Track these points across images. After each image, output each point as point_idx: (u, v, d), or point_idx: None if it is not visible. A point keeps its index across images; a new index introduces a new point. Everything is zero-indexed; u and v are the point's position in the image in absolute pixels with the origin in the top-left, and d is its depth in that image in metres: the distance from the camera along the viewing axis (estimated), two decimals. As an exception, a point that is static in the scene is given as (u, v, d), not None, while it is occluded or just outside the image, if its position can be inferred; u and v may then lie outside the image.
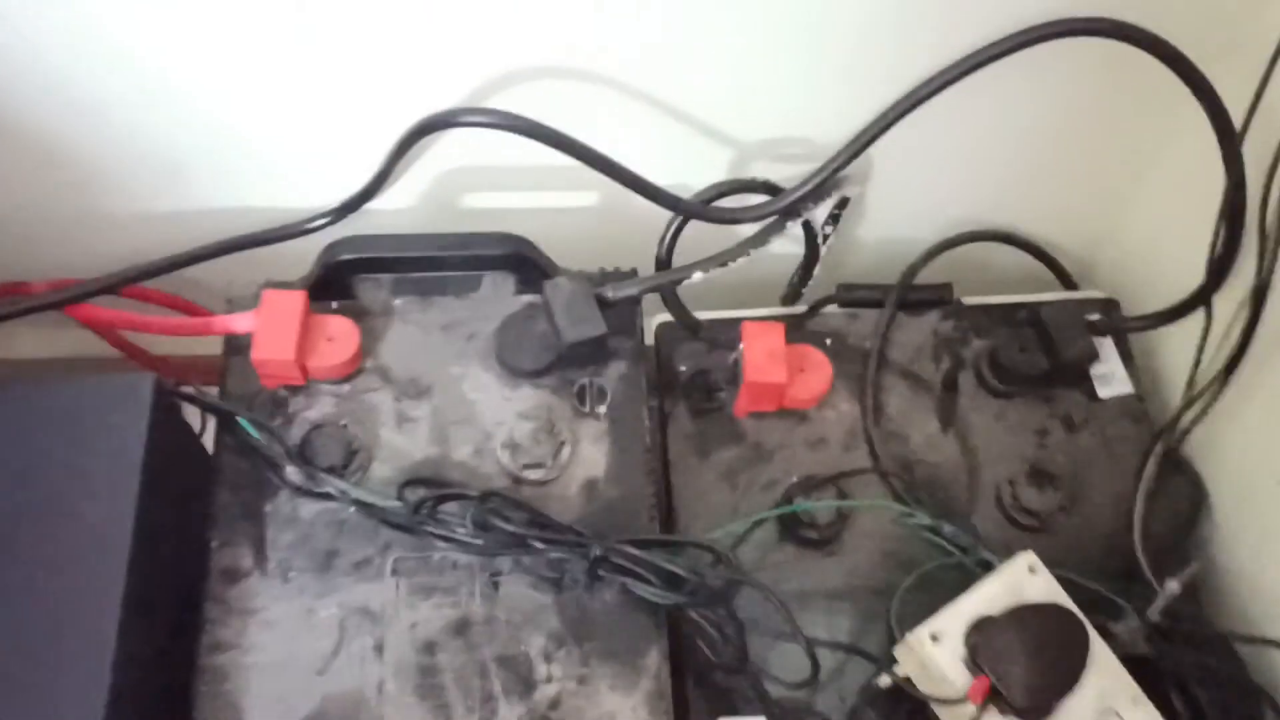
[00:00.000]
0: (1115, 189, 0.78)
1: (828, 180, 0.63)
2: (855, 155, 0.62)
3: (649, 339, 0.70)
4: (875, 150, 0.65)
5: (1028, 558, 0.59)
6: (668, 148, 0.69)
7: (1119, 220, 0.80)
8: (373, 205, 0.70)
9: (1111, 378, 0.71)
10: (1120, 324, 0.71)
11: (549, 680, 0.57)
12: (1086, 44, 0.58)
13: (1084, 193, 0.79)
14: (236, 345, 0.63)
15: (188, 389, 0.59)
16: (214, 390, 0.62)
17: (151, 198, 0.72)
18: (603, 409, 0.63)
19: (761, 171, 0.71)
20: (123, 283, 0.65)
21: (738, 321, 0.69)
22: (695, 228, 0.66)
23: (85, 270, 0.72)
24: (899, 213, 0.78)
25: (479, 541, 0.57)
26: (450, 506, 0.58)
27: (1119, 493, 0.67)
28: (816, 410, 0.69)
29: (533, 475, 0.61)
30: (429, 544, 0.58)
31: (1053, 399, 0.70)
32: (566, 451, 0.61)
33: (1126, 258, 0.80)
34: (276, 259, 0.69)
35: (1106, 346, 0.71)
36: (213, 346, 0.64)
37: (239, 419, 0.59)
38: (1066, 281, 0.79)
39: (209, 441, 0.62)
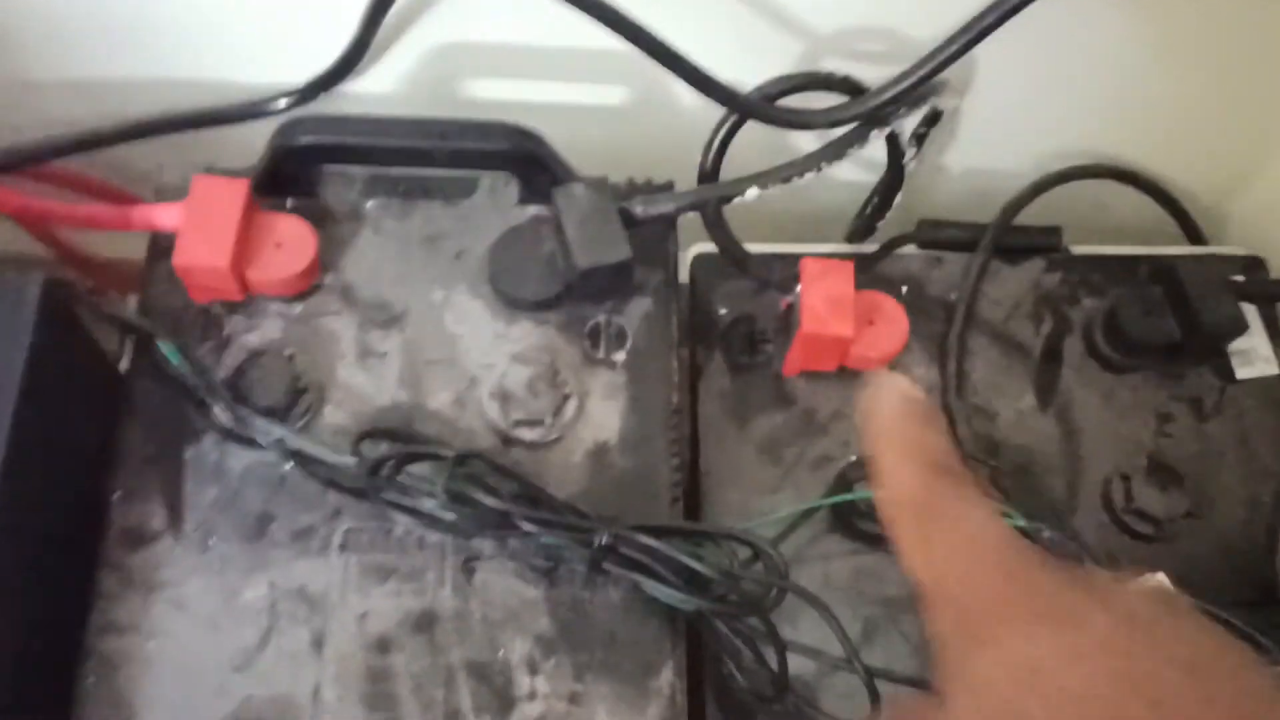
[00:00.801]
0: (1262, 126, 0.64)
1: (923, 82, 0.48)
2: (961, 53, 0.48)
3: (683, 273, 0.57)
4: (979, 54, 0.51)
5: (1158, 579, 0.45)
6: (716, 31, 0.55)
7: (1263, 164, 0.65)
8: (347, 87, 0.57)
9: (1253, 355, 0.57)
10: (1274, 289, 0.57)
11: (532, 697, 0.44)
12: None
13: (1223, 128, 0.64)
14: (163, 245, 0.49)
15: (91, 297, 0.46)
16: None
17: (80, 63, 0.59)
18: (620, 355, 0.50)
19: (835, 70, 0.57)
20: (27, 160, 0.51)
21: (793, 258, 0.55)
22: (745, 138, 0.52)
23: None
24: (995, 137, 0.64)
25: (450, 517, 0.44)
26: (419, 469, 0.45)
27: (1256, 498, 0.54)
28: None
29: (527, 435, 0.47)
30: (388, 515, 0.46)
31: (1179, 377, 0.56)
32: (572, 407, 0.48)
33: (1270, 209, 0.66)
34: (228, 146, 0.55)
35: (1251, 316, 0.57)
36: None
37: (156, 341, 0.46)
38: (1194, 235, 0.65)
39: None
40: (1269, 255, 0.61)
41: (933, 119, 0.56)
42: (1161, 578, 0.46)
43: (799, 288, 0.52)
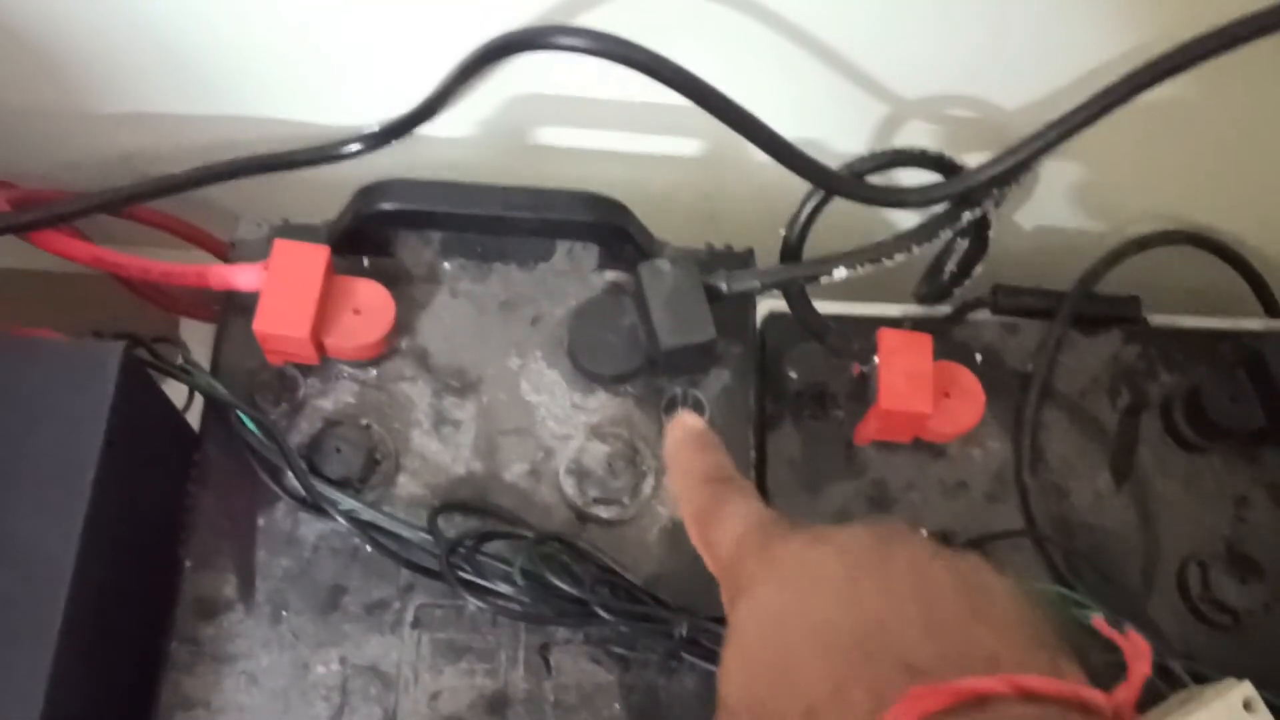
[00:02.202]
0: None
1: (1021, 167, 0.47)
2: (1060, 140, 0.47)
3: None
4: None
5: (1244, 691, 0.45)
6: (795, 92, 0.53)
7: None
8: (422, 131, 0.56)
9: (1331, 439, 0.56)
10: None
11: (603, 783, 0.44)
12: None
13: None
14: (239, 302, 0.49)
15: (169, 360, 0.45)
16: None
17: (144, 97, 0.58)
18: (698, 430, 0.49)
19: (915, 135, 0.56)
20: (99, 208, 0.50)
21: (866, 322, 0.54)
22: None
23: (68, 180, 0.58)
24: (1072, 200, 0.63)
25: (524, 603, 0.43)
26: (494, 547, 0.45)
27: (1334, 590, 0.53)
28: (958, 446, 0.54)
29: (604, 513, 0.47)
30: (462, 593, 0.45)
31: (1258, 459, 0.55)
32: (649, 484, 0.47)
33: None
34: (306, 185, 0.55)
35: (1331, 400, 0.55)
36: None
37: (238, 409, 0.45)
38: (1269, 304, 0.64)
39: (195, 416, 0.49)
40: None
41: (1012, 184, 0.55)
42: (1248, 688, 0.45)
43: (876, 360, 0.51)
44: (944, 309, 0.58)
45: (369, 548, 0.45)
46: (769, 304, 0.56)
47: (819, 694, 0.28)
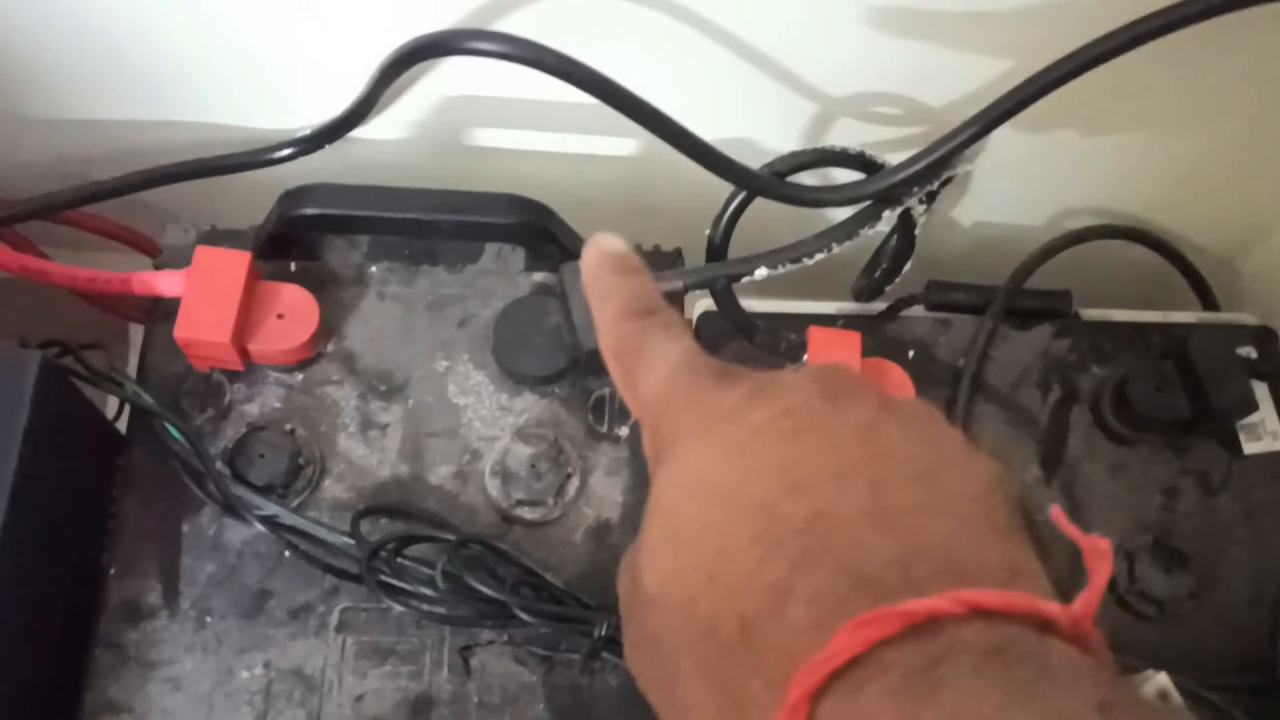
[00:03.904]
0: (1274, 188, 0.63)
1: (939, 164, 0.48)
2: (979, 136, 0.47)
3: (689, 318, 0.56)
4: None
5: (1160, 682, 0.45)
6: (721, 92, 0.54)
7: (1274, 226, 0.65)
8: (357, 134, 0.56)
9: (1261, 430, 0.56)
10: (1285, 366, 0.56)
11: (528, 782, 0.44)
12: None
13: (1235, 189, 0.63)
14: (164, 308, 0.49)
15: (89, 367, 0.45)
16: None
17: (83, 103, 0.58)
18: (624, 430, 0.49)
19: (844, 135, 0.56)
20: (28, 215, 0.50)
21: (798, 319, 0.55)
22: (757, 204, 0.52)
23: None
24: (1007, 195, 0.63)
25: (445, 607, 0.43)
26: (418, 549, 0.45)
27: (1260, 579, 0.54)
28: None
29: (528, 514, 0.47)
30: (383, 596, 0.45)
31: (1185, 450, 0.56)
32: (574, 485, 0.48)
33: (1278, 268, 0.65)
34: (245, 188, 0.55)
35: (1260, 391, 0.56)
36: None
37: (161, 418, 0.45)
38: (1204, 295, 0.64)
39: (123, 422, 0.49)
40: (1277, 320, 0.60)
41: (945, 182, 0.55)
42: (1164, 679, 0.45)
43: (805, 356, 0.52)
44: (879, 306, 0.59)
45: (288, 554, 0.45)
46: (704, 302, 0.56)
47: (753, 600, 0.25)
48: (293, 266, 0.50)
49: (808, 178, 0.52)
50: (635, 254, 0.36)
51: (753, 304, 0.55)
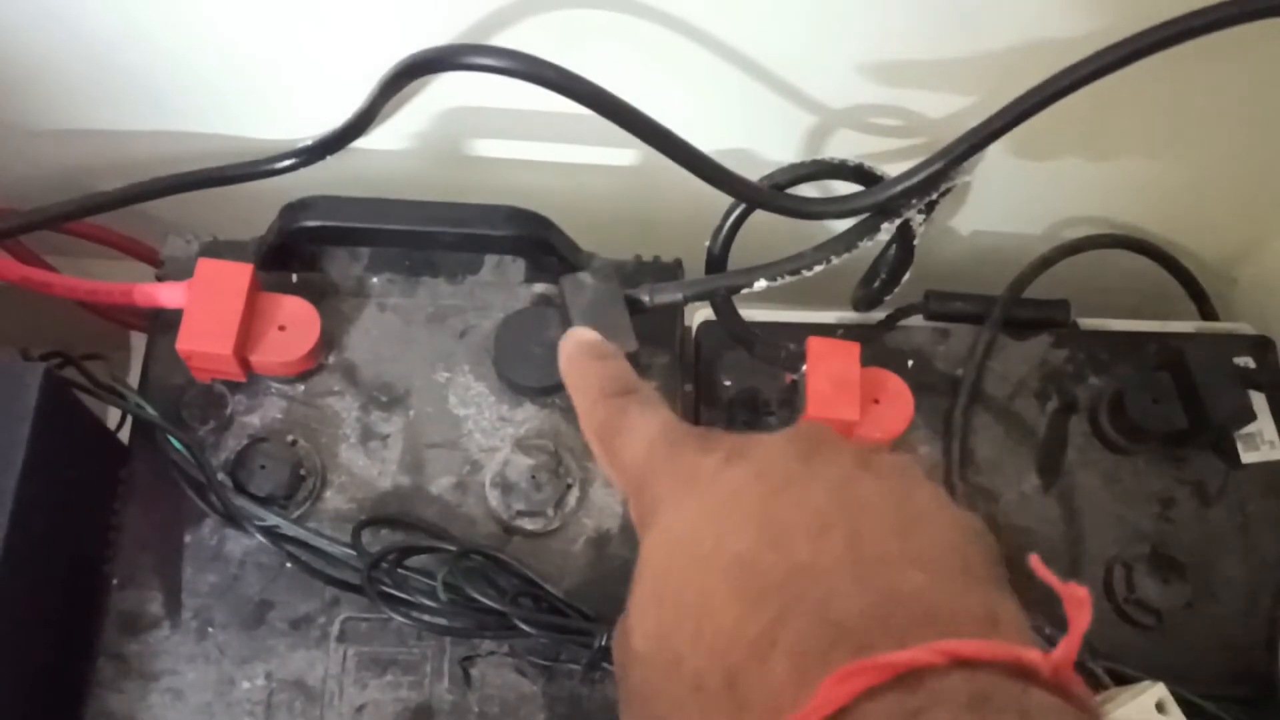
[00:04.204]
0: (1270, 198, 0.63)
1: (937, 177, 0.48)
2: (977, 149, 0.47)
3: (689, 326, 0.56)
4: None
5: (1158, 692, 0.45)
6: (721, 104, 0.54)
7: (1271, 235, 0.65)
8: (358, 144, 0.56)
9: (1258, 440, 0.56)
10: (1280, 377, 0.56)
11: (528, 792, 0.44)
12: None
13: (1232, 199, 0.64)
14: (166, 319, 0.49)
15: (91, 378, 0.46)
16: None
17: (86, 115, 0.58)
18: (624, 441, 0.49)
19: (844, 146, 0.56)
20: (30, 226, 0.51)
21: (798, 329, 0.55)
22: (759, 215, 0.52)
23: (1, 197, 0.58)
24: (1005, 206, 0.63)
25: (446, 617, 0.43)
26: (418, 560, 0.45)
27: (1256, 590, 0.54)
28: (891, 446, 0.55)
29: (528, 525, 0.47)
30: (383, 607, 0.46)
31: (1182, 460, 0.56)
32: (574, 496, 0.48)
33: (1277, 277, 0.65)
34: (247, 199, 0.55)
35: (1258, 402, 0.56)
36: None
37: (163, 430, 0.46)
38: (1202, 304, 0.64)
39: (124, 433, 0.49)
40: (1274, 331, 0.60)
41: (944, 192, 0.55)
42: (1162, 690, 0.46)
43: (804, 367, 0.52)
44: (878, 315, 0.59)
45: (290, 564, 0.45)
46: (705, 312, 0.57)
47: (738, 654, 0.26)
48: (294, 278, 0.50)
49: (808, 189, 0.52)
50: (607, 342, 0.38)
51: (752, 313, 0.56)
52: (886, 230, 0.49)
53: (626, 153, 0.59)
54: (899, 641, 0.23)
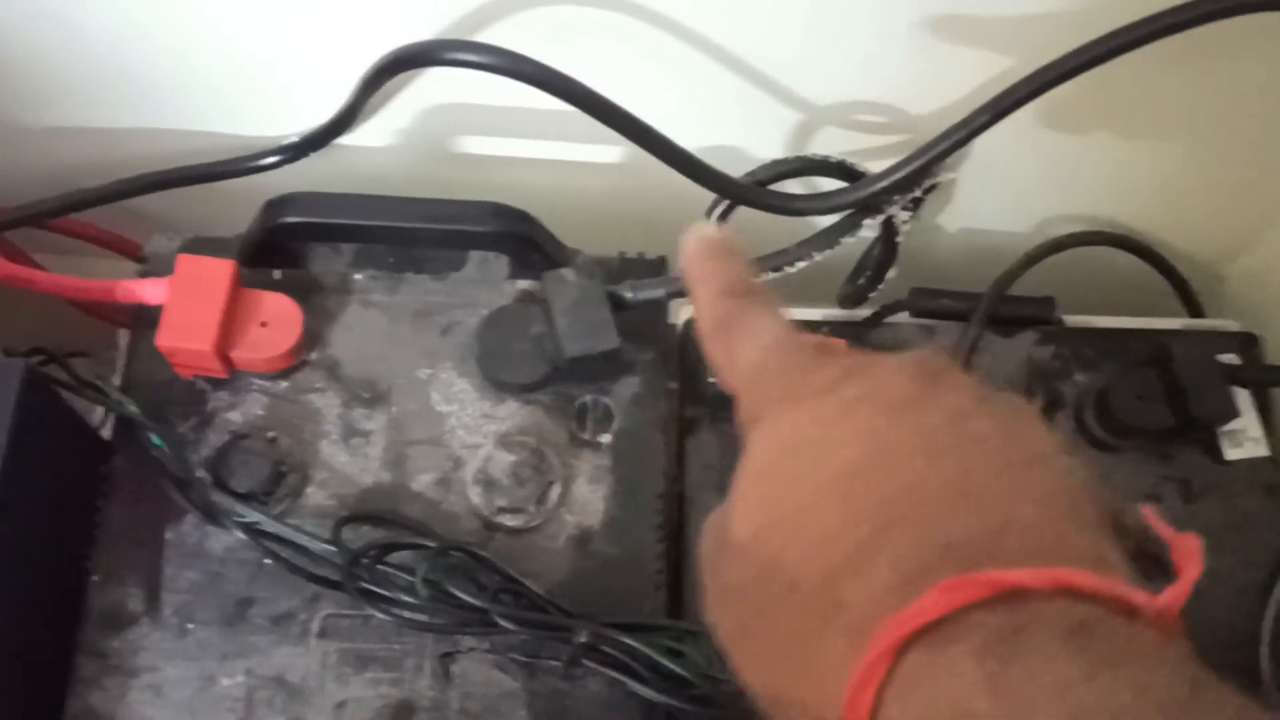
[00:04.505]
0: (1258, 197, 0.63)
1: (919, 173, 0.48)
2: (958, 146, 0.47)
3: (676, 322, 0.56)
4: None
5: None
6: (707, 100, 0.54)
7: (1258, 235, 0.65)
8: (343, 141, 0.56)
9: (1242, 436, 0.56)
10: (1266, 374, 0.56)
11: (509, 789, 0.44)
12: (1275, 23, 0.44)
13: (1219, 197, 0.64)
14: (149, 316, 0.49)
15: (73, 375, 0.46)
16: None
17: (72, 112, 0.58)
18: (606, 437, 0.49)
19: (828, 143, 0.56)
20: (8, 224, 0.51)
21: (788, 326, 0.55)
22: (744, 210, 0.52)
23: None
24: (991, 203, 0.63)
25: (426, 614, 0.43)
26: (400, 556, 0.45)
27: (1242, 587, 0.54)
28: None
29: (510, 521, 0.47)
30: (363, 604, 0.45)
31: (1167, 457, 0.56)
32: (556, 492, 0.48)
33: (1265, 275, 0.65)
34: (235, 196, 0.55)
35: (1242, 399, 0.56)
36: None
37: (144, 426, 0.46)
38: (1189, 301, 0.64)
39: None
40: (1262, 326, 0.60)
41: (929, 189, 0.55)
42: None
43: (789, 364, 0.52)
44: (864, 312, 0.59)
45: (268, 561, 0.45)
46: (690, 310, 0.57)
47: (838, 559, 0.26)
48: (277, 274, 0.50)
49: (793, 186, 0.52)
50: (734, 240, 0.37)
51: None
52: (869, 227, 0.49)
53: (611, 150, 0.59)
54: (1006, 566, 0.23)
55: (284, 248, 0.50)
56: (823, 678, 0.25)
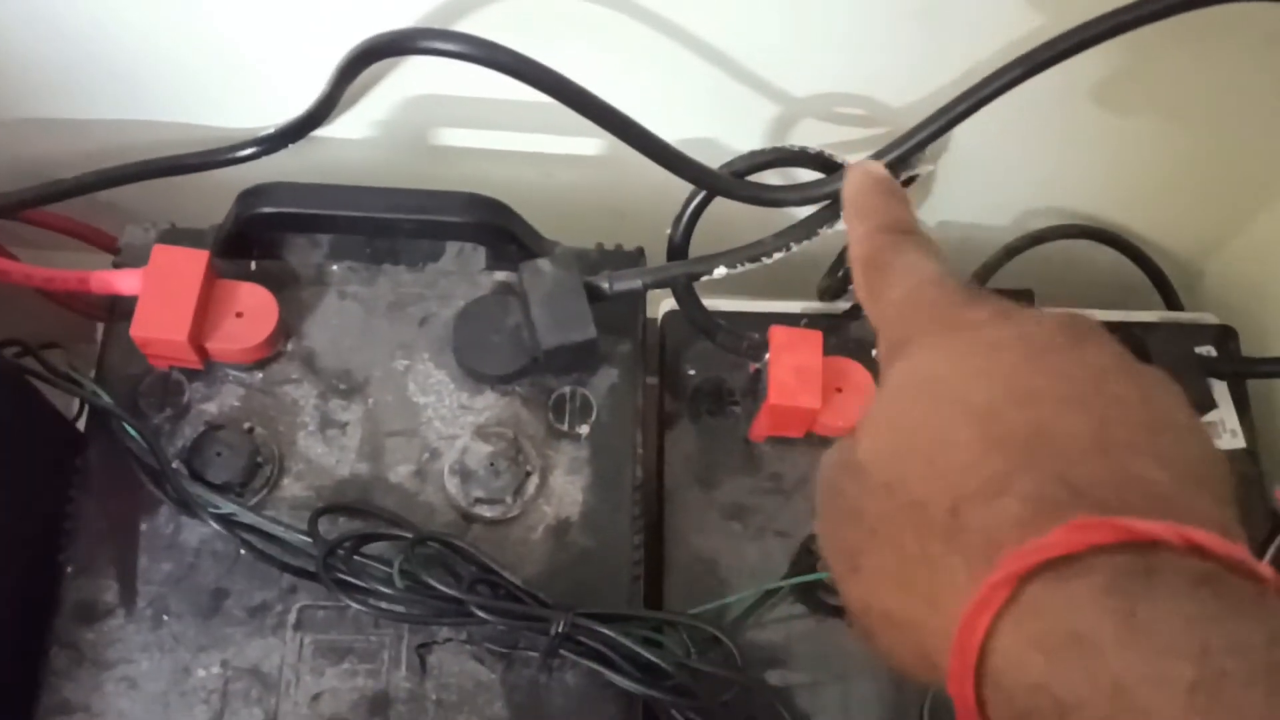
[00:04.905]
0: (1236, 192, 0.63)
1: (898, 162, 0.48)
2: (936, 135, 0.48)
3: (653, 314, 0.56)
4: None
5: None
6: (686, 92, 0.54)
7: (1237, 229, 0.65)
8: (321, 133, 0.56)
9: (1220, 429, 0.57)
10: (1242, 367, 0.57)
11: (485, 781, 0.44)
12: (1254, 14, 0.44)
13: (1198, 191, 0.64)
14: (124, 307, 0.49)
15: (48, 366, 0.45)
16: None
17: (47, 104, 0.57)
18: (584, 429, 0.49)
19: (807, 135, 0.56)
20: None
21: (763, 318, 0.55)
22: (718, 200, 0.52)
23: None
24: (971, 196, 0.63)
25: (402, 605, 0.43)
26: (376, 547, 0.45)
27: (1219, 576, 0.54)
28: None
29: (487, 512, 0.47)
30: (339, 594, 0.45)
31: (1146, 448, 0.56)
32: (533, 483, 0.48)
33: (1243, 269, 0.65)
34: (211, 187, 0.55)
35: (1219, 390, 0.56)
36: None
37: (118, 417, 0.45)
38: (1167, 294, 0.65)
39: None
40: (1241, 320, 0.61)
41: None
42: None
43: (767, 356, 0.52)
44: (843, 305, 0.59)
45: (244, 552, 0.45)
46: (669, 302, 0.57)
47: (968, 487, 0.26)
48: (253, 265, 0.50)
49: (772, 177, 0.52)
50: (894, 181, 0.37)
51: (719, 304, 0.56)
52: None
53: (590, 142, 0.59)
54: (1136, 516, 0.23)
55: (260, 238, 0.50)
56: (939, 598, 0.26)
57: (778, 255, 0.48)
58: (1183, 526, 0.23)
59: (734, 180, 0.48)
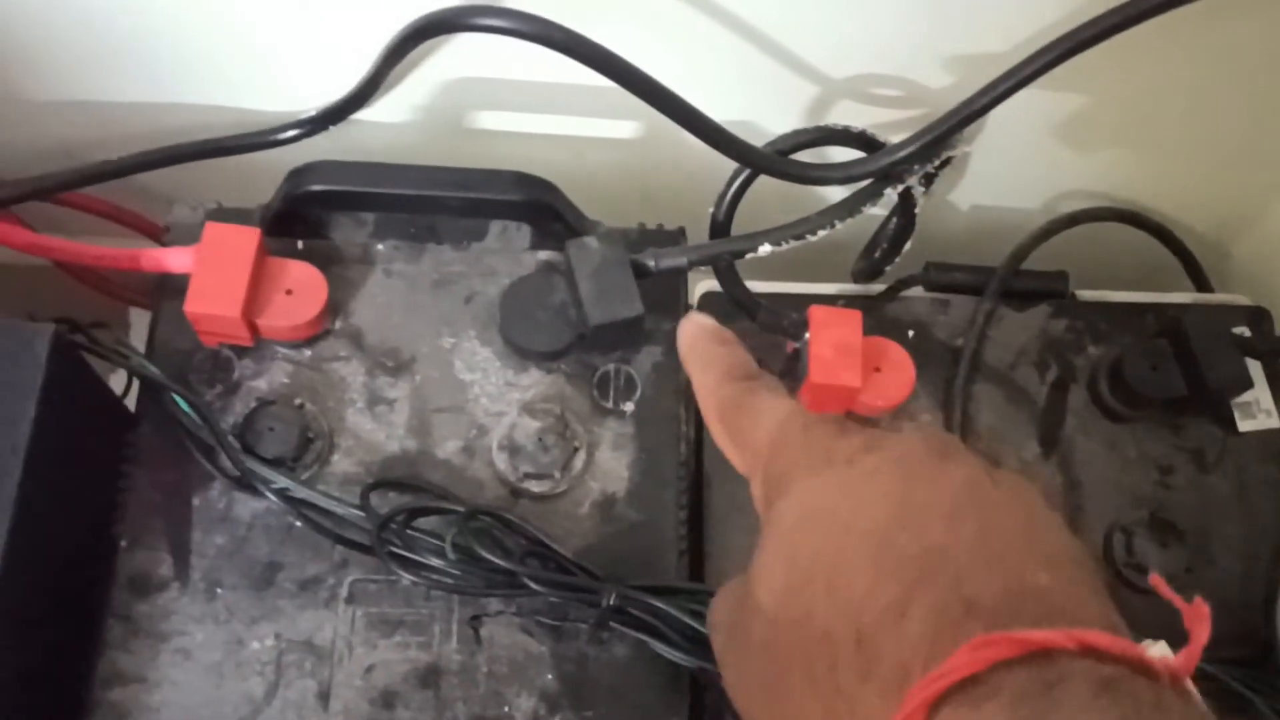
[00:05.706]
0: (1267, 172, 0.64)
1: (939, 141, 0.48)
2: (978, 115, 0.48)
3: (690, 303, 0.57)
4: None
5: (1159, 649, 0.46)
6: (724, 72, 0.54)
7: (1265, 209, 0.65)
8: (360, 116, 0.56)
9: (1255, 408, 0.57)
10: (1277, 345, 0.57)
11: (536, 751, 0.45)
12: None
13: (1228, 172, 0.64)
14: (173, 285, 0.49)
15: (99, 343, 0.46)
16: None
17: (86, 85, 0.58)
18: (629, 405, 0.50)
19: (845, 115, 0.56)
20: (33, 194, 0.51)
21: (799, 299, 0.55)
22: (762, 181, 0.52)
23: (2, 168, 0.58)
24: (1005, 176, 0.64)
25: (454, 577, 0.44)
26: (427, 522, 0.45)
27: (1254, 554, 0.55)
28: (890, 419, 0.55)
29: (535, 487, 0.48)
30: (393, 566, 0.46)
31: (1181, 428, 0.57)
32: (580, 459, 0.48)
33: (1270, 251, 0.66)
34: (250, 170, 0.55)
35: (1254, 370, 0.57)
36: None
37: (172, 392, 0.46)
38: (1198, 278, 0.65)
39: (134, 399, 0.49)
40: (1270, 301, 0.61)
41: (944, 163, 0.56)
42: (1163, 647, 0.46)
43: (807, 335, 0.52)
44: (879, 286, 0.59)
45: (301, 524, 0.45)
46: (707, 283, 0.57)
47: (870, 614, 0.27)
48: (300, 244, 0.51)
49: (808, 158, 0.53)
50: (727, 330, 0.40)
51: (754, 285, 0.56)
52: (889, 197, 0.49)
53: (629, 125, 0.59)
54: (1031, 626, 0.24)
55: (307, 217, 0.50)
56: None
57: (822, 233, 0.48)
58: (1075, 631, 0.24)
59: (779, 159, 0.48)
